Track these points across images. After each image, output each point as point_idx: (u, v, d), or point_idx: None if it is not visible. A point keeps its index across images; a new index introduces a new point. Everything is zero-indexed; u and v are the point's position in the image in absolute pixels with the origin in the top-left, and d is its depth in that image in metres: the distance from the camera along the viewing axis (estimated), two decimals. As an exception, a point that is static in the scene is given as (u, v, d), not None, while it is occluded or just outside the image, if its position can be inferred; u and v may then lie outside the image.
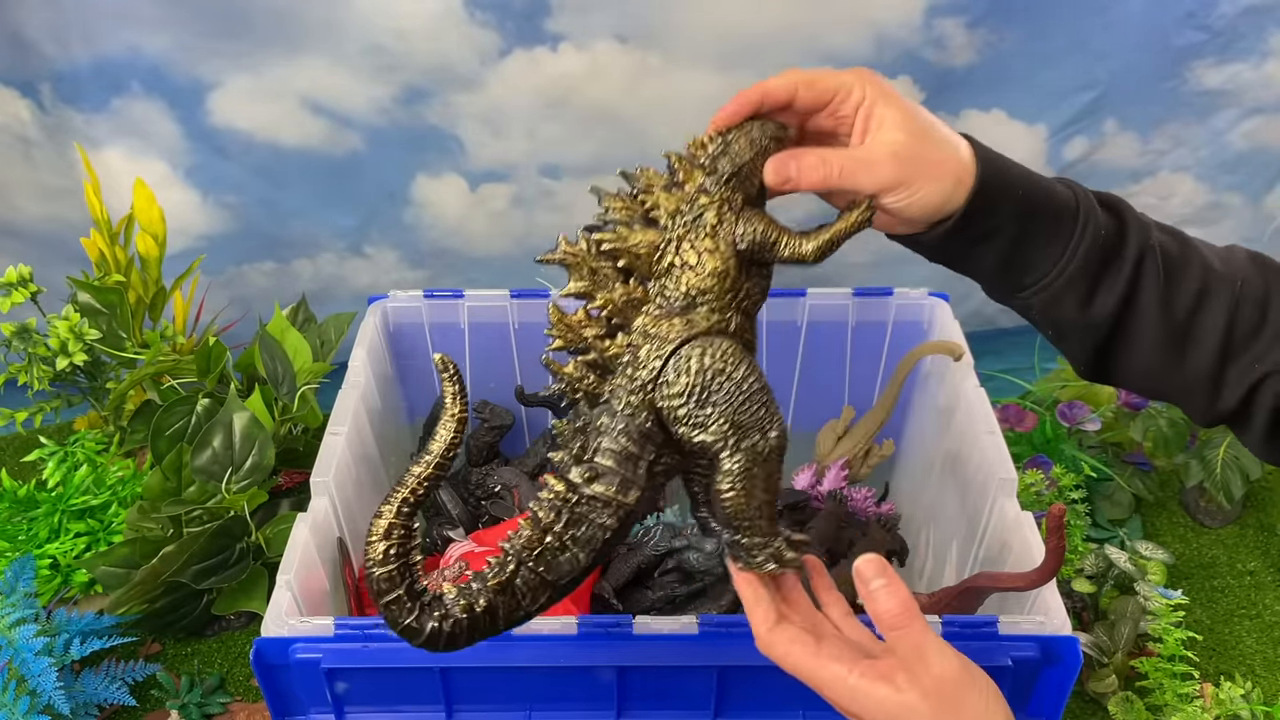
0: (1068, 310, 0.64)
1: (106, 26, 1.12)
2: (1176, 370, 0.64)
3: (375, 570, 0.58)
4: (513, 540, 0.60)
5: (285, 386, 1.13)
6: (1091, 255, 0.63)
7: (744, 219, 0.61)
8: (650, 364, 0.59)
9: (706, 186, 0.61)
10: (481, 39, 1.13)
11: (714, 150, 0.61)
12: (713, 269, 0.60)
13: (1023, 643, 0.76)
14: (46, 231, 1.28)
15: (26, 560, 1.04)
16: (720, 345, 0.59)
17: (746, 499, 0.59)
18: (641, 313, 0.61)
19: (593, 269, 0.61)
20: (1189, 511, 1.24)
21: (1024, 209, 0.63)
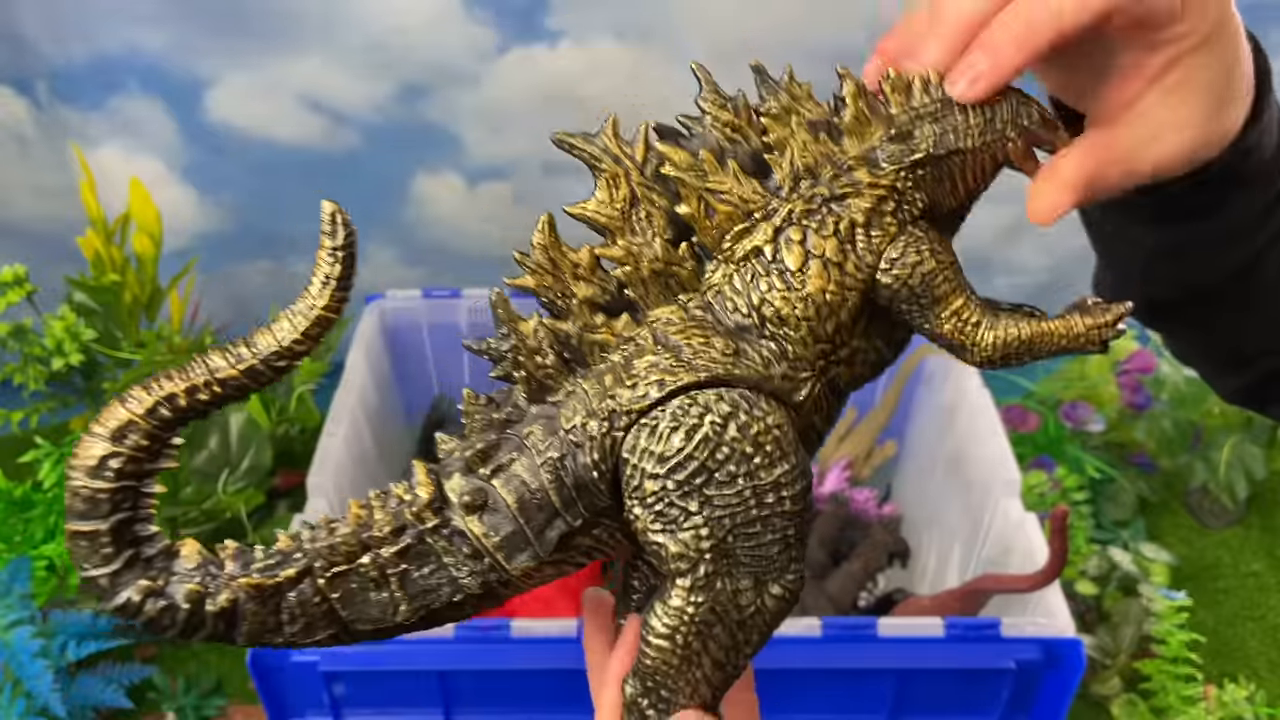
0: (1201, 255, 0.46)
1: (103, 24, 1.12)
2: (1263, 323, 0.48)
3: (76, 480, 0.35)
4: (315, 532, 0.37)
5: (282, 387, 1.12)
6: (1266, 205, 0.45)
7: (911, 240, 0.37)
8: (643, 387, 0.36)
9: (878, 157, 0.37)
10: (480, 36, 1.13)
11: (924, 104, 0.38)
12: (816, 292, 0.36)
13: (1026, 645, 0.76)
14: (42, 230, 1.27)
15: (22, 561, 1.03)
16: (761, 419, 0.36)
17: (681, 664, 0.37)
18: (673, 301, 0.37)
19: (634, 192, 0.37)
20: (1193, 513, 1.24)
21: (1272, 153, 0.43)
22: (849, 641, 0.75)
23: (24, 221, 1.27)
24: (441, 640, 0.76)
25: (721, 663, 0.37)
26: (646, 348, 0.37)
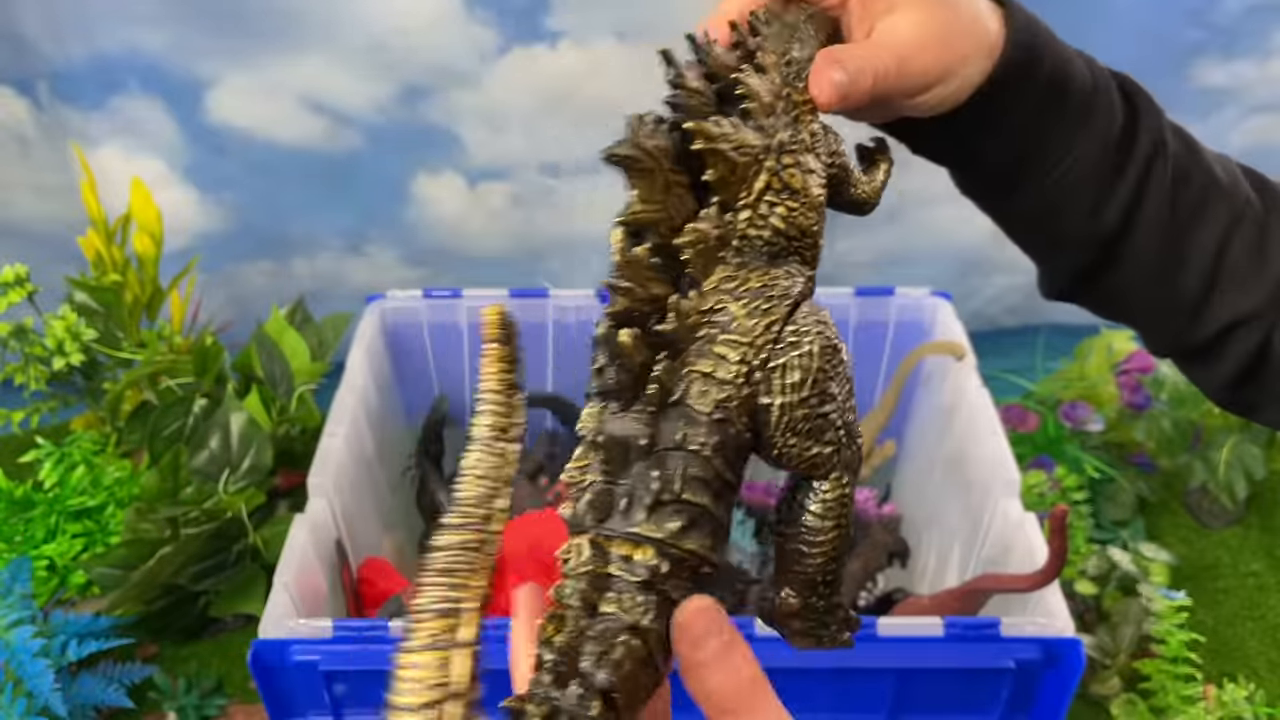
0: (1070, 217, 0.52)
1: (104, 24, 1.12)
2: (1159, 294, 0.55)
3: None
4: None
5: (283, 387, 1.12)
6: (1106, 151, 0.51)
7: (829, 131, 0.45)
8: (756, 338, 0.38)
9: (792, 79, 0.44)
10: (481, 36, 1.13)
11: (781, 28, 0.45)
12: (817, 199, 0.42)
13: (1025, 644, 0.76)
14: (43, 230, 1.27)
15: (23, 561, 1.03)
16: (827, 315, 0.41)
17: (842, 538, 0.40)
18: (719, 262, 0.39)
19: (668, 180, 0.39)
20: (1192, 513, 1.24)
21: (1049, 88, 0.50)
22: (849, 641, 0.75)
23: (25, 221, 1.27)
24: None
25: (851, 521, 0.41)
26: (732, 309, 0.38)
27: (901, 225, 1.29)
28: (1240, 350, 0.54)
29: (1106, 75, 0.53)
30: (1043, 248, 0.56)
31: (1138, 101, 0.53)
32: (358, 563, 0.97)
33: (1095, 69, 0.53)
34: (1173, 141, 0.53)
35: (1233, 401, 0.57)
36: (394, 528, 1.09)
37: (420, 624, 0.34)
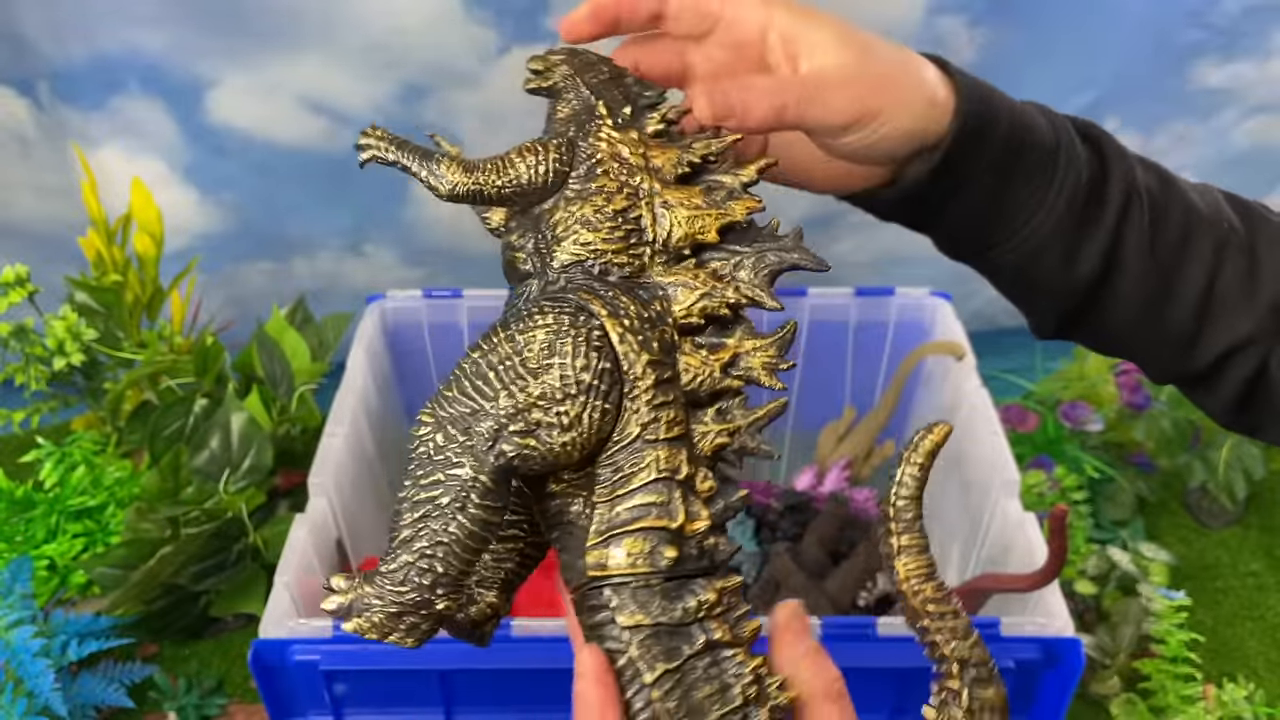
0: (1047, 269, 0.53)
1: (104, 24, 1.12)
2: (1150, 329, 0.55)
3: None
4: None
5: (283, 387, 1.12)
6: (1074, 203, 0.52)
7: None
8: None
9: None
10: (480, 37, 1.13)
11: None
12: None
13: (1025, 644, 0.76)
14: (43, 231, 1.27)
15: (24, 561, 1.03)
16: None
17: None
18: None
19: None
20: (1192, 513, 1.24)
21: (1007, 149, 0.51)
22: (848, 640, 0.76)
23: (25, 222, 1.27)
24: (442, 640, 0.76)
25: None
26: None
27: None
28: (1239, 376, 0.55)
29: (1067, 128, 0.53)
30: (1025, 298, 0.56)
31: (1104, 148, 0.53)
32: (358, 562, 0.97)
33: (1056, 122, 0.53)
34: (1145, 179, 0.53)
35: (1236, 423, 0.58)
36: (394, 528, 1.09)
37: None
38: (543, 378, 0.41)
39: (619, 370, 0.42)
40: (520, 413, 0.41)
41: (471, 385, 0.41)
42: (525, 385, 0.41)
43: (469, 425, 0.41)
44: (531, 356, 0.41)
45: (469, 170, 0.46)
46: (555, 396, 0.41)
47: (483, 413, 0.41)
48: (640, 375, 0.42)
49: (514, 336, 0.42)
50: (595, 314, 0.42)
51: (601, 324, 0.42)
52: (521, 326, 0.42)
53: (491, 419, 0.41)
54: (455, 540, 0.41)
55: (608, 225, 0.44)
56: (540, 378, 0.41)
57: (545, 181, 0.45)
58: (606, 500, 0.42)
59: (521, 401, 0.41)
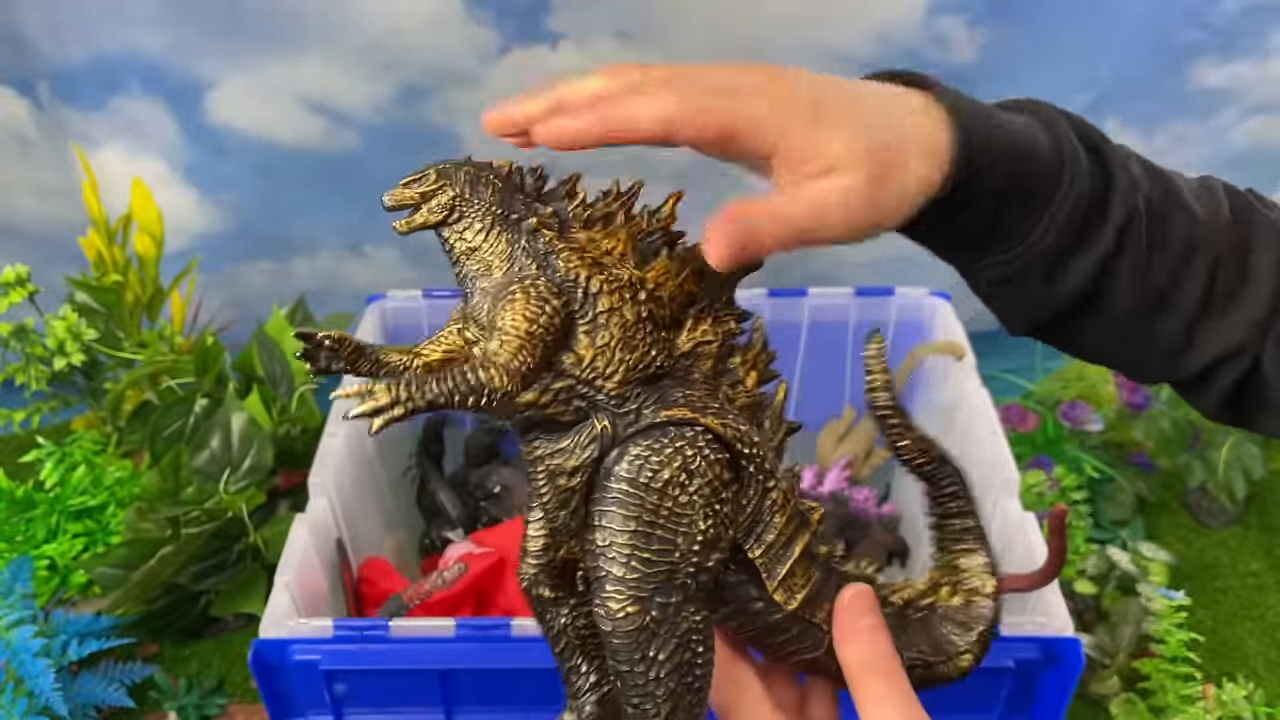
0: (1030, 286, 0.52)
1: (104, 25, 1.12)
2: (1136, 341, 0.54)
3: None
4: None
5: (283, 387, 1.12)
6: (1073, 222, 0.51)
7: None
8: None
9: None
10: (481, 37, 1.13)
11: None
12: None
13: (1025, 644, 0.76)
14: (44, 231, 1.27)
15: (24, 561, 1.03)
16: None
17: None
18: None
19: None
20: (1191, 512, 1.24)
21: (1008, 179, 0.50)
22: (848, 640, 0.75)
23: (26, 222, 1.28)
24: (442, 639, 0.76)
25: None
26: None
27: (901, 225, 1.28)
28: (1228, 381, 0.54)
29: (1071, 142, 0.51)
30: (1001, 305, 0.55)
31: (1110, 163, 0.52)
32: (358, 562, 0.97)
33: (1060, 138, 0.51)
34: (1149, 190, 0.52)
35: (1230, 419, 0.58)
36: (394, 527, 1.09)
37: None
38: (698, 502, 0.43)
39: (732, 452, 0.44)
40: (703, 543, 0.43)
41: (650, 553, 0.42)
42: (690, 518, 0.42)
43: (670, 583, 0.42)
44: (678, 494, 0.42)
45: (505, 368, 0.41)
46: (716, 509, 0.43)
47: (675, 566, 0.42)
48: (751, 445, 0.45)
49: (649, 487, 0.42)
50: (692, 422, 0.43)
51: (703, 426, 0.43)
52: (649, 475, 0.42)
53: (686, 563, 0.43)
54: (709, 675, 0.44)
55: (639, 337, 0.43)
56: (697, 503, 0.43)
57: (561, 330, 0.43)
58: (763, 552, 0.46)
59: (697, 533, 0.43)
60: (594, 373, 0.43)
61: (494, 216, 0.45)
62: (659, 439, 0.42)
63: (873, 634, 0.47)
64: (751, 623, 0.47)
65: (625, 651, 0.42)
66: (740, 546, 0.45)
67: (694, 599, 0.43)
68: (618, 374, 0.43)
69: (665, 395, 0.44)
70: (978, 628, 0.54)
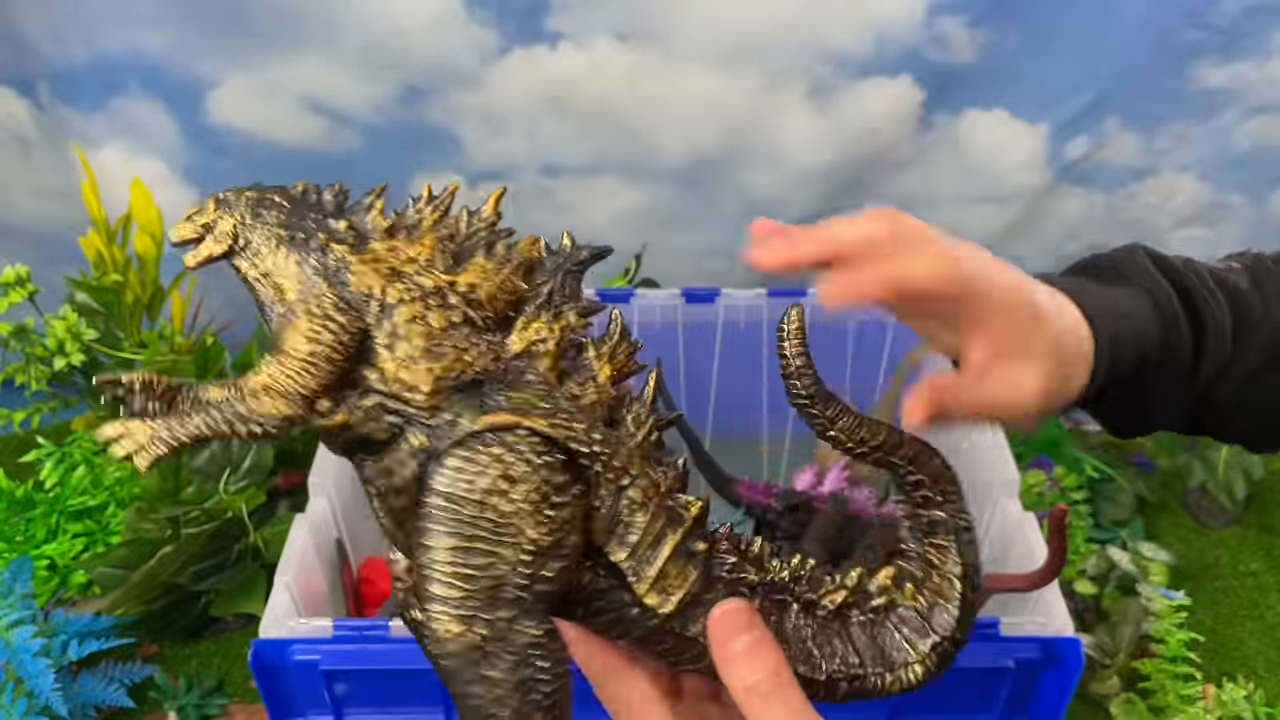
0: (1134, 422, 0.60)
1: (105, 25, 1.12)
2: (1260, 425, 0.60)
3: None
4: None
5: (284, 386, 1.12)
6: (1177, 380, 0.57)
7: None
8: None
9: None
10: (481, 37, 1.13)
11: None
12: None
13: (1025, 644, 0.76)
14: (44, 231, 1.27)
15: (24, 561, 1.03)
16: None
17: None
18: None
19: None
20: (1191, 512, 1.24)
21: (1129, 383, 0.56)
22: (848, 641, 0.75)
23: (26, 222, 1.28)
24: (442, 639, 0.76)
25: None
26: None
27: (901, 225, 1.28)
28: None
29: (1173, 305, 0.56)
30: (1107, 423, 0.61)
31: (1201, 315, 0.57)
32: (358, 563, 0.97)
33: (1164, 312, 0.56)
34: (1230, 324, 0.57)
35: None
36: (394, 527, 1.09)
37: None
38: (525, 510, 0.40)
39: (568, 453, 0.41)
40: (535, 552, 0.40)
41: (470, 568, 0.40)
42: (517, 527, 0.40)
43: (497, 598, 0.40)
44: (499, 503, 0.40)
45: (284, 392, 0.40)
46: (548, 515, 0.40)
47: (502, 579, 0.40)
48: (589, 444, 0.42)
49: (465, 499, 0.40)
50: (514, 426, 0.41)
51: (527, 429, 0.41)
52: (465, 485, 0.40)
53: (516, 575, 0.40)
54: (556, 691, 0.41)
55: (449, 344, 0.41)
56: (524, 511, 0.40)
57: (352, 347, 0.41)
58: (628, 554, 0.43)
59: (526, 542, 0.40)
60: (400, 386, 0.41)
61: (278, 239, 0.43)
62: (475, 448, 0.40)
63: (751, 656, 0.43)
64: (630, 630, 0.44)
65: (457, 674, 0.40)
66: (603, 550, 0.43)
67: (531, 612, 0.40)
68: (425, 385, 0.40)
69: (486, 401, 0.41)
70: (933, 637, 0.48)
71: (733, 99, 1.19)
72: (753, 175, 1.24)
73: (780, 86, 1.18)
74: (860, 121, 1.21)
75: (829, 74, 1.17)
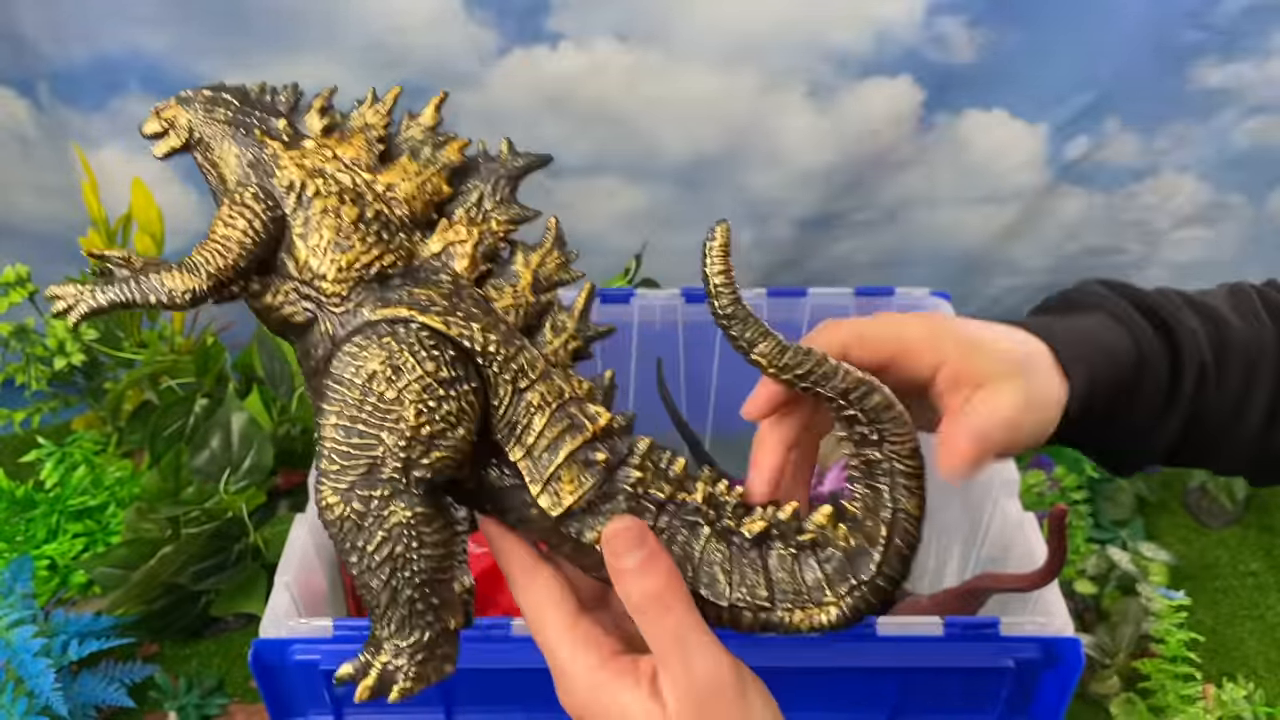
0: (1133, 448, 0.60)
1: (105, 25, 1.12)
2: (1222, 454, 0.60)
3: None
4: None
5: (284, 387, 1.12)
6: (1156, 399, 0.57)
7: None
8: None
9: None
10: (481, 37, 1.13)
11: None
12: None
13: (1025, 644, 0.76)
14: (44, 230, 1.27)
15: (24, 561, 1.03)
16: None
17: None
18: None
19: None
20: (1191, 512, 1.24)
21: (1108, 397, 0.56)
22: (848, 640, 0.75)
23: (26, 222, 1.28)
24: (442, 639, 0.76)
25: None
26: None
27: (901, 225, 1.28)
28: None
29: (1146, 335, 0.56)
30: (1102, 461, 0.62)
31: (1174, 333, 0.57)
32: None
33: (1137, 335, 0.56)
34: (1205, 337, 0.57)
35: None
36: (394, 527, 1.09)
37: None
38: (407, 398, 0.43)
39: (462, 350, 0.44)
40: (412, 439, 0.43)
41: (350, 446, 0.43)
42: (398, 414, 0.43)
43: (372, 477, 0.43)
44: (384, 389, 0.43)
45: (194, 269, 0.45)
46: (430, 405, 0.43)
47: (378, 461, 0.43)
48: (484, 343, 0.44)
49: (353, 383, 0.43)
50: (408, 319, 0.44)
51: (420, 323, 0.44)
52: (353, 370, 0.43)
53: (392, 458, 0.43)
54: (430, 570, 0.44)
55: (356, 237, 0.45)
56: (406, 400, 0.43)
57: (266, 234, 0.45)
58: (524, 454, 0.46)
59: (406, 429, 0.43)
60: (310, 274, 0.44)
61: (224, 133, 0.46)
62: (370, 335, 0.43)
63: (641, 572, 0.45)
64: (532, 529, 0.47)
65: (337, 541, 0.43)
66: (502, 448, 0.46)
67: (404, 495, 0.43)
68: (330, 274, 0.44)
69: (389, 295, 0.44)
70: (850, 581, 0.48)
71: (733, 99, 1.19)
72: (753, 175, 1.24)
73: (780, 86, 1.18)
74: (860, 121, 1.20)
75: (829, 74, 1.17)
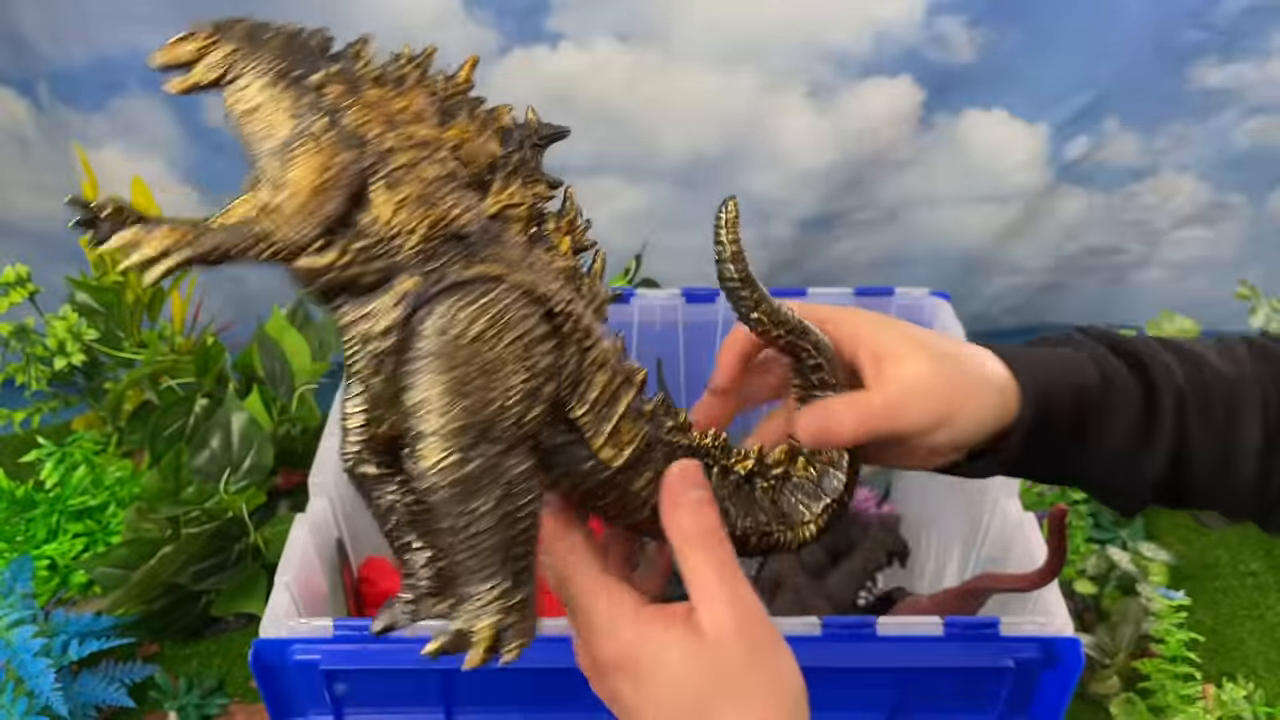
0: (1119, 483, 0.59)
1: (104, 25, 1.12)
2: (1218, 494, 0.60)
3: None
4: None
5: (283, 387, 1.12)
6: (1133, 429, 0.57)
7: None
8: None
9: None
10: (481, 37, 1.13)
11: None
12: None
13: (1024, 644, 0.76)
14: (44, 231, 1.27)
15: (24, 561, 1.03)
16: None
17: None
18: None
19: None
20: (1191, 512, 1.24)
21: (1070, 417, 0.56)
22: (848, 640, 0.76)
23: (26, 221, 1.28)
24: (442, 639, 0.76)
25: None
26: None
27: (901, 225, 1.29)
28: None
29: (1114, 364, 0.57)
30: (1097, 498, 0.62)
31: (1149, 368, 0.57)
32: (359, 562, 0.97)
33: (1103, 364, 0.57)
34: (1183, 373, 0.57)
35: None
36: (394, 527, 1.09)
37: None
38: (514, 355, 0.42)
39: (546, 309, 0.44)
40: (525, 395, 0.43)
41: (462, 406, 0.41)
42: (508, 370, 0.42)
43: (491, 434, 0.42)
44: (492, 347, 0.42)
45: (293, 217, 0.42)
46: (531, 362, 0.43)
47: (496, 418, 0.42)
48: (564, 302, 0.45)
49: (458, 342, 0.42)
50: (499, 277, 0.43)
51: (510, 281, 0.43)
52: (457, 329, 0.42)
53: (506, 415, 0.42)
54: (535, 527, 0.44)
55: (440, 193, 0.42)
56: (512, 357, 0.42)
57: (352, 186, 0.42)
58: (587, 410, 0.46)
59: (517, 384, 0.42)
60: (393, 230, 0.41)
61: (276, 73, 0.42)
62: (467, 294, 0.42)
63: (697, 508, 0.48)
64: (580, 483, 0.48)
65: (446, 506, 0.42)
66: (564, 405, 0.46)
67: (519, 449, 0.43)
68: (419, 231, 0.42)
69: (474, 253, 0.43)
70: (825, 499, 0.55)
71: (733, 99, 1.19)
72: (753, 175, 1.24)
73: (780, 86, 1.18)
74: (860, 121, 1.21)
75: (829, 74, 1.17)
